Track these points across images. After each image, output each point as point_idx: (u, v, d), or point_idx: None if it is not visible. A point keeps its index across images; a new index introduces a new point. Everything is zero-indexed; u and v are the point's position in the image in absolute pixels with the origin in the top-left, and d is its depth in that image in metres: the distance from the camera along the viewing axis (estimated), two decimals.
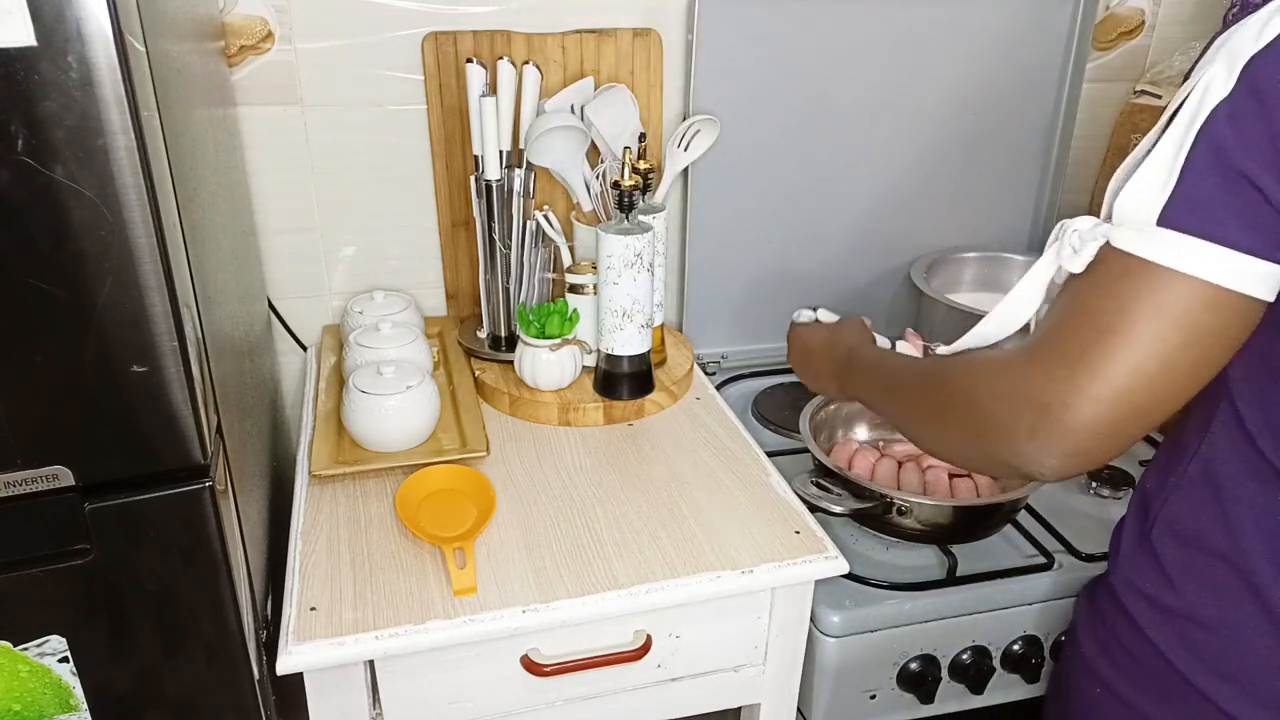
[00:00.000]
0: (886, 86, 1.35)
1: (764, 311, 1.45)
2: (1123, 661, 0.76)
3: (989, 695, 1.07)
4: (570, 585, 0.88)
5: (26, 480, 0.68)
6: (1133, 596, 0.76)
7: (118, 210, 0.63)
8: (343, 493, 1.01)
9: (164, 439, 0.71)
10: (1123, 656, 0.76)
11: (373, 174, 1.27)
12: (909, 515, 1.02)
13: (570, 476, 1.04)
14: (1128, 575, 0.77)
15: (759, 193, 1.37)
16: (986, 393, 0.65)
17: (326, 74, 1.20)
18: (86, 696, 0.76)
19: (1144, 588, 0.75)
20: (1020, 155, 1.46)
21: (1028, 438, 0.61)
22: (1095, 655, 0.79)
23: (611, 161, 1.19)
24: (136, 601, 0.74)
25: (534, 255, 1.22)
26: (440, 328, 1.33)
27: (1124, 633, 0.76)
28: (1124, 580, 0.77)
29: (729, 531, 0.95)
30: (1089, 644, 0.80)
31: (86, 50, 0.59)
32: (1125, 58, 1.48)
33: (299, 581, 0.88)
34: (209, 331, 0.78)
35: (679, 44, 1.30)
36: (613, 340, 1.13)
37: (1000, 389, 0.64)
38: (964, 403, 0.67)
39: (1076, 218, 0.65)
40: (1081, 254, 0.62)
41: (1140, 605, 0.75)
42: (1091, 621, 0.81)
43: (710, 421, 1.16)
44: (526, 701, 0.92)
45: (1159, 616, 0.73)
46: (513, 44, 1.23)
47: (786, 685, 1.01)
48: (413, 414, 1.04)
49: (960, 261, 1.47)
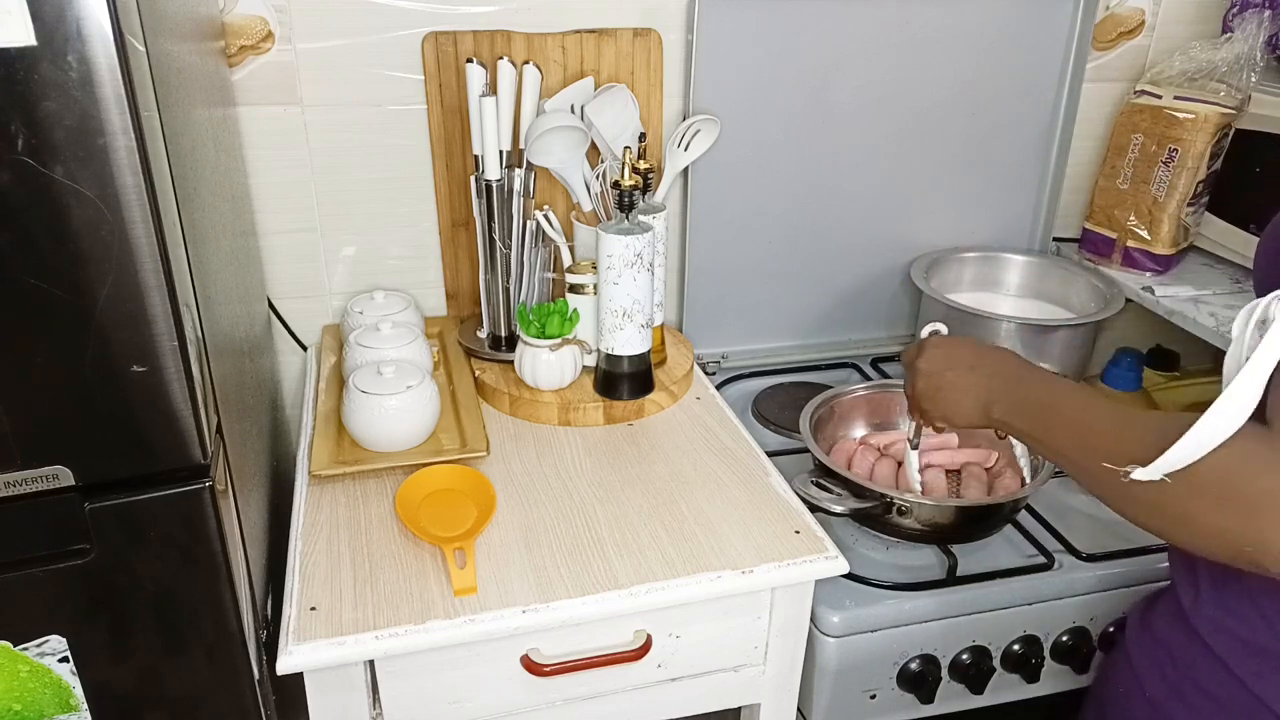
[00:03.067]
0: (886, 86, 1.35)
1: (764, 311, 1.45)
2: (1202, 704, 0.73)
3: (989, 695, 1.07)
4: (570, 585, 0.88)
5: (26, 480, 0.68)
6: (1223, 637, 0.72)
7: (118, 210, 0.63)
8: (343, 493, 1.01)
9: (164, 439, 0.71)
10: (1202, 699, 0.73)
11: (373, 174, 1.27)
12: (909, 515, 1.02)
13: (570, 476, 1.04)
14: (1214, 614, 0.73)
15: (759, 192, 1.37)
16: (1237, 483, 0.60)
17: (326, 74, 1.20)
18: (86, 696, 0.76)
19: (1235, 628, 0.71)
20: (1020, 155, 1.45)
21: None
22: (1164, 696, 0.76)
23: (611, 161, 1.19)
24: (136, 601, 0.75)
25: (534, 255, 1.22)
26: (440, 328, 1.33)
27: (1206, 674, 0.73)
28: (1209, 619, 0.73)
29: (729, 531, 0.95)
30: (1155, 683, 0.76)
31: (86, 50, 0.59)
32: (1125, 58, 1.48)
33: (299, 581, 0.88)
34: (209, 331, 0.78)
35: (679, 44, 1.30)
36: (613, 340, 1.13)
37: (1256, 480, 0.59)
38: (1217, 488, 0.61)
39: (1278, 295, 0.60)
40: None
41: (1232, 646, 0.71)
42: (1156, 659, 0.77)
43: (710, 421, 1.16)
44: (526, 701, 0.92)
45: (1254, 658, 0.70)
46: (513, 44, 1.23)
47: (786, 685, 1.01)
48: (413, 414, 1.04)
49: (960, 261, 1.47)
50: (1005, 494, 1.07)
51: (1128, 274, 1.40)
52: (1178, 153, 1.32)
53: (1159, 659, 0.77)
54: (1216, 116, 1.29)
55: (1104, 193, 1.44)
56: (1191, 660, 0.74)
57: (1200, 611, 0.74)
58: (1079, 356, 1.33)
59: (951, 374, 0.91)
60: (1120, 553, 1.06)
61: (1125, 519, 0.69)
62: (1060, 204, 1.50)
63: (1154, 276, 1.38)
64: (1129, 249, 1.40)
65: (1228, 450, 0.60)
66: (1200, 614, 0.74)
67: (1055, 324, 1.31)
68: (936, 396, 0.92)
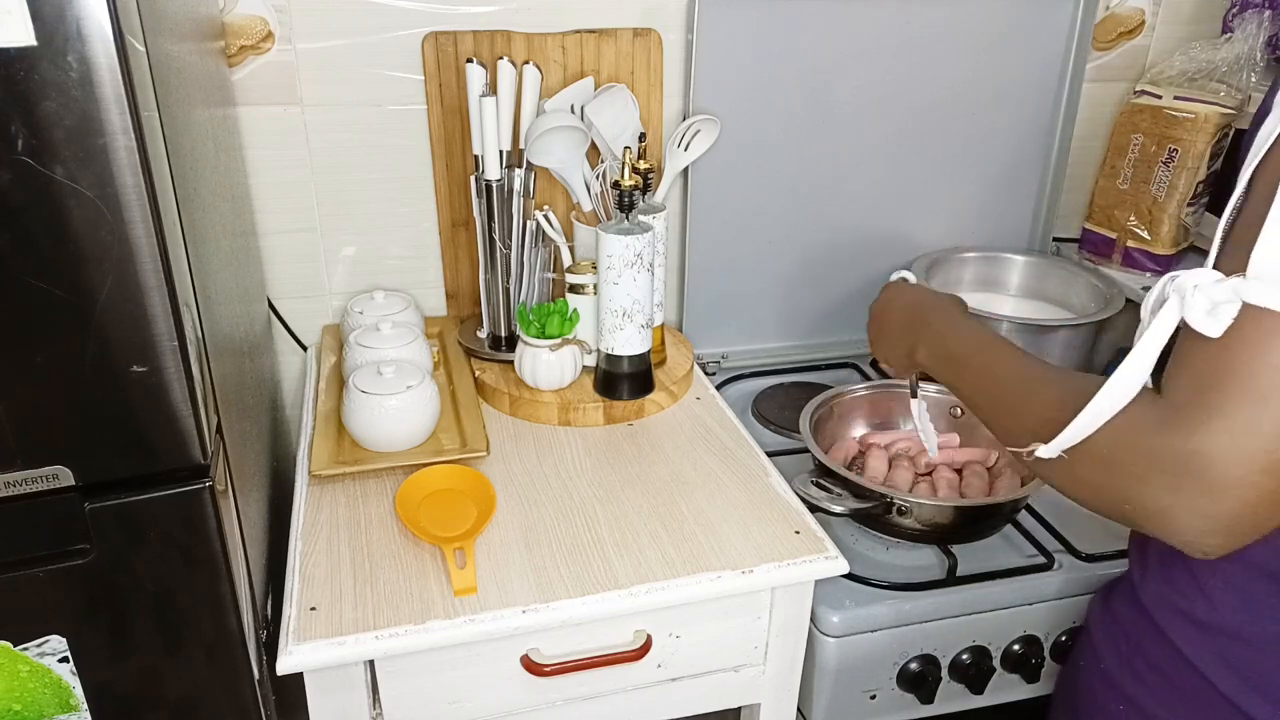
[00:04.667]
0: (886, 86, 1.35)
1: (764, 311, 1.45)
2: (1150, 677, 0.74)
3: (989, 695, 1.07)
4: (570, 585, 0.88)
5: (26, 480, 0.68)
6: (1166, 612, 0.73)
7: (118, 210, 0.63)
8: (343, 493, 1.01)
9: (164, 439, 0.71)
10: (1150, 671, 0.74)
11: (373, 174, 1.27)
12: (909, 515, 1.02)
13: (570, 476, 1.04)
14: (1160, 589, 0.74)
15: (759, 193, 1.37)
16: (1124, 447, 0.61)
17: (326, 74, 1.20)
18: (86, 696, 0.76)
19: (1178, 602, 0.72)
20: (1020, 155, 1.45)
21: (1171, 495, 0.58)
22: (1117, 669, 0.77)
23: (611, 161, 1.19)
24: (136, 601, 0.75)
25: (534, 255, 1.22)
26: (440, 328, 1.33)
27: (1152, 648, 0.74)
28: (1155, 594, 0.75)
29: (729, 531, 0.95)
30: (1110, 657, 0.78)
31: (86, 50, 0.59)
32: (1125, 58, 1.48)
33: (299, 581, 0.88)
34: (209, 331, 0.78)
35: (679, 44, 1.30)
36: (613, 340, 1.13)
37: (1140, 444, 0.60)
38: (1106, 451, 0.63)
39: (1188, 272, 0.61)
40: (1219, 316, 0.58)
41: (1175, 621, 0.72)
42: (1111, 633, 0.79)
43: (710, 421, 1.16)
44: (526, 701, 0.92)
45: (1196, 632, 0.71)
46: (513, 44, 1.23)
47: (786, 685, 1.01)
48: (413, 414, 1.04)
49: (960, 261, 1.47)
50: (1005, 494, 1.07)
51: (1128, 274, 1.40)
52: (1178, 153, 1.32)
53: (1113, 633, 0.79)
54: (1216, 116, 1.30)
55: (1104, 193, 1.44)
56: (1140, 634, 0.76)
57: (1147, 587, 0.76)
58: (1079, 356, 1.33)
59: (891, 315, 0.97)
60: (1120, 553, 1.06)
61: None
62: (1060, 204, 1.50)
63: (1154, 277, 1.38)
64: (1129, 249, 1.40)
65: (1119, 417, 0.62)
66: (1147, 589, 0.76)
67: (1055, 324, 1.31)
68: (878, 337, 0.99)
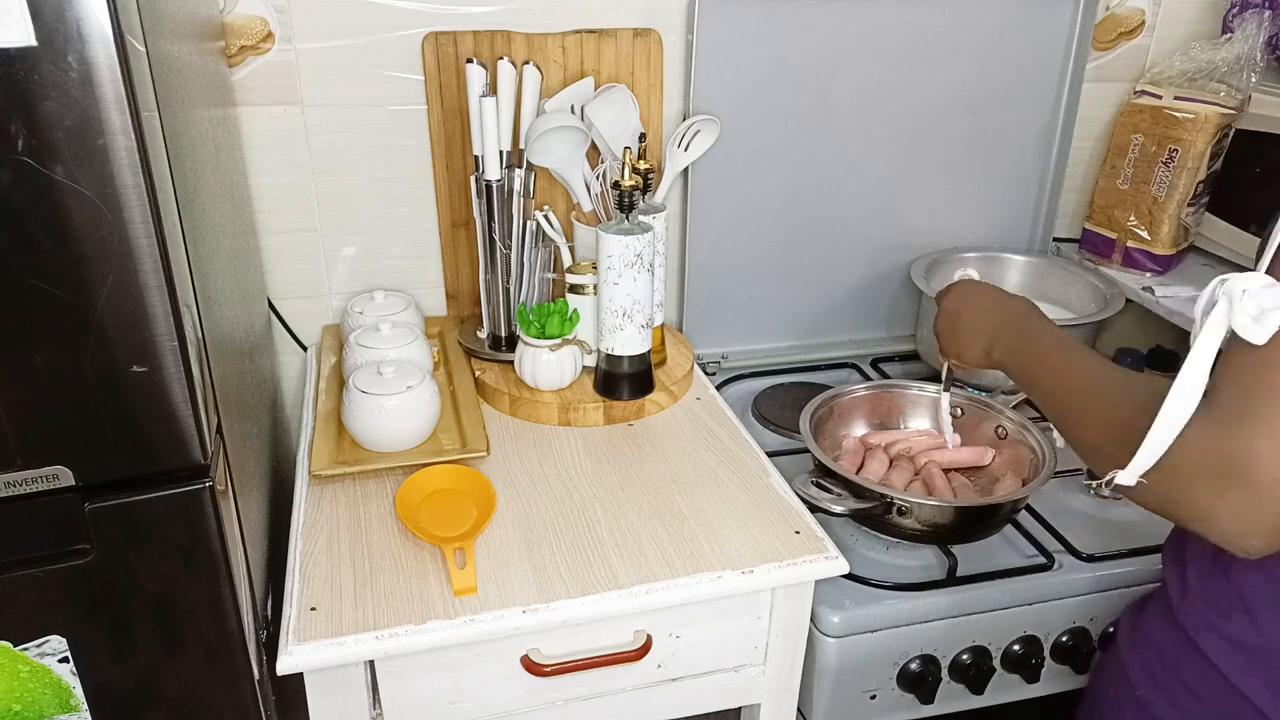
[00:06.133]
0: (886, 86, 1.35)
1: (764, 311, 1.45)
2: (1190, 704, 0.73)
3: (989, 695, 1.07)
4: (570, 585, 0.88)
5: (26, 480, 0.68)
6: (1208, 635, 0.72)
7: (118, 210, 0.63)
8: (343, 493, 1.01)
9: (164, 439, 0.71)
10: (1189, 698, 0.73)
11: (373, 174, 1.27)
12: (909, 515, 1.02)
13: (570, 476, 1.04)
14: (1201, 611, 0.73)
15: (759, 193, 1.37)
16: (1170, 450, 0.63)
17: (326, 74, 1.20)
18: (86, 696, 0.76)
19: (1221, 625, 0.71)
20: (1020, 155, 1.45)
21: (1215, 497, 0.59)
22: (1153, 697, 0.76)
23: (611, 161, 1.19)
24: (136, 601, 0.75)
25: (534, 255, 1.22)
26: (440, 328, 1.33)
27: (1193, 673, 0.73)
28: (1196, 616, 0.73)
29: (729, 531, 0.95)
30: (1145, 685, 0.77)
31: (86, 50, 0.59)
32: (1125, 58, 1.48)
33: (299, 581, 0.88)
34: (209, 331, 0.78)
35: (679, 44, 1.30)
36: (613, 340, 1.13)
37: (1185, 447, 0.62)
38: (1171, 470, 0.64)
39: (1238, 275, 0.62)
40: (1265, 323, 0.59)
41: (1218, 644, 0.71)
42: (1145, 657, 0.78)
43: (710, 421, 1.16)
44: (526, 702, 0.92)
45: (1242, 657, 0.70)
46: (513, 44, 1.23)
47: (786, 685, 1.01)
48: (413, 414, 1.04)
49: (960, 261, 1.46)
50: (1005, 494, 1.07)
51: (1128, 274, 1.40)
52: (1178, 153, 1.32)
53: (1148, 659, 0.77)
54: (1216, 117, 1.29)
55: (1104, 193, 1.44)
56: (1179, 659, 0.74)
57: (1188, 610, 0.75)
58: None
59: (967, 313, 0.99)
60: (1120, 553, 1.06)
61: None
62: (1060, 204, 1.50)
63: (1154, 277, 1.38)
64: (1129, 249, 1.40)
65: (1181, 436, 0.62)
66: (1188, 612, 0.75)
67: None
68: (951, 333, 1.01)
